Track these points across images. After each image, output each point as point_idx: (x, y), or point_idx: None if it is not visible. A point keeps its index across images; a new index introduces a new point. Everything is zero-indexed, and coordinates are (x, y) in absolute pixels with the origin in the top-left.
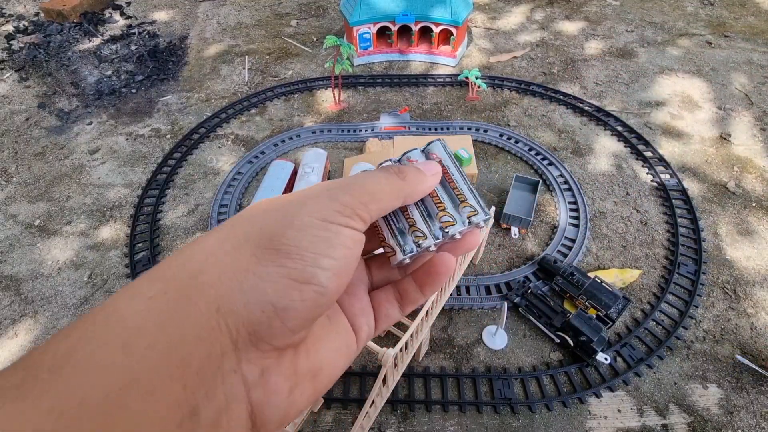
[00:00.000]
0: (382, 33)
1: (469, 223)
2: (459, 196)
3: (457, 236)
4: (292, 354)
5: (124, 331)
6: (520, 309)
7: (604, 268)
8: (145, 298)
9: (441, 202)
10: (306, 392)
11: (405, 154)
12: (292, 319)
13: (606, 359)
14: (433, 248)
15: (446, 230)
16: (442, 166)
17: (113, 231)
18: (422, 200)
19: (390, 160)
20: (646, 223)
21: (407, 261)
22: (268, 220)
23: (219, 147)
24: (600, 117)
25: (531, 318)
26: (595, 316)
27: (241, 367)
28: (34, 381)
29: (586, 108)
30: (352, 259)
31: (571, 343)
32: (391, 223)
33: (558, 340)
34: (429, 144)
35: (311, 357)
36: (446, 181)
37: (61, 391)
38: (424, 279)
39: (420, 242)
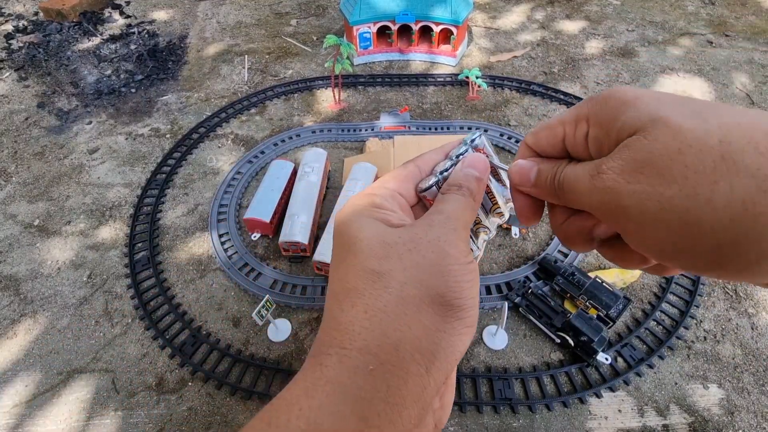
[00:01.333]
0: (382, 32)
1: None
2: (505, 194)
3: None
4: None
5: (357, 405)
6: (520, 309)
7: (604, 268)
8: (365, 372)
9: (494, 196)
10: (452, 389)
11: (459, 153)
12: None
13: (606, 359)
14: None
15: (500, 221)
16: (490, 163)
17: (113, 231)
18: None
19: (445, 169)
20: None
21: (481, 254)
22: (429, 277)
23: (219, 146)
24: None
25: (531, 318)
26: (595, 316)
27: (434, 402)
28: None
29: None
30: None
31: (572, 343)
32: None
33: (558, 340)
34: (473, 140)
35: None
36: (493, 176)
37: None
38: None
39: (488, 236)
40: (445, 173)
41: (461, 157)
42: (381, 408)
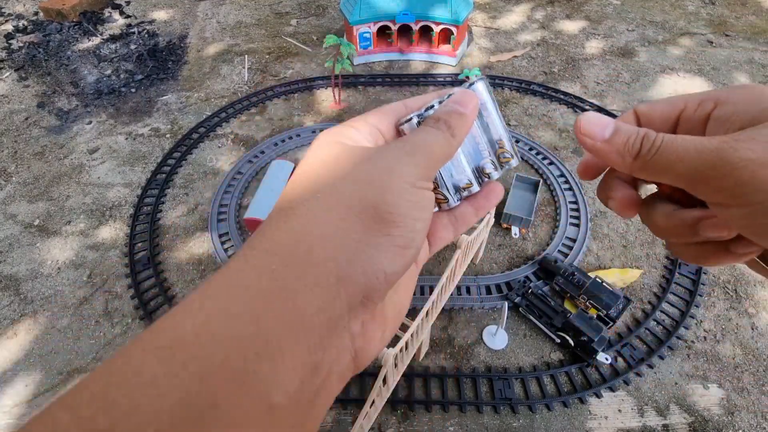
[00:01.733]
0: (382, 32)
1: (501, 167)
2: (499, 142)
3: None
4: (381, 301)
5: (254, 304)
6: (520, 309)
7: (604, 268)
8: (268, 271)
9: (483, 146)
10: (391, 330)
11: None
12: (396, 279)
13: (607, 359)
14: (478, 189)
15: (489, 175)
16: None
17: (113, 231)
18: (466, 141)
19: (431, 106)
20: None
21: (457, 203)
22: (364, 188)
23: (219, 146)
24: None
25: (531, 318)
26: (595, 315)
27: (349, 325)
28: (182, 346)
29: (587, 107)
30: (430, 218)
31: (572, 343)
32: (441, 170)
33: (558, 340)
34: (471, 84)
35: (394, 300)
36: (487, 123)
37: (204, 356)
38: (481, 202)
39: (469, 189)
40: (430, 110)
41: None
42: (278, 309)
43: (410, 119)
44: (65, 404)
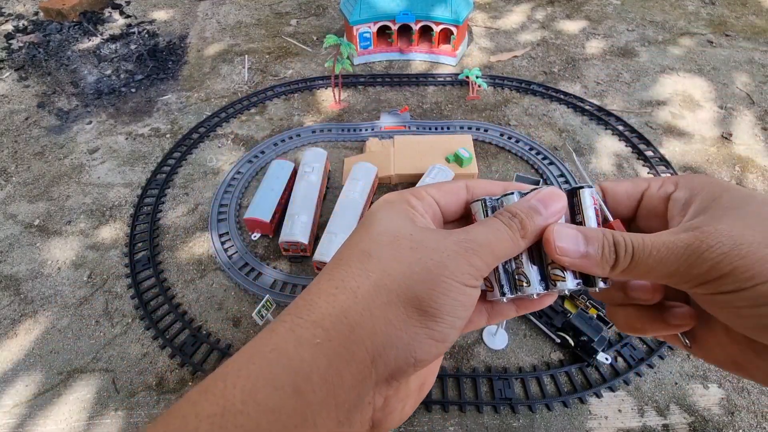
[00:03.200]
0: (383, 32)
1: (579, 283)
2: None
3: (566, 293)
4: (406, 381)
5: (295, 377)
6: None
7: None
8: (311, 344)
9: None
10: (412, 404)
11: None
12: (422, 366)
13: (607, 359)
14: (535, 297)
15: (555, 283)
16: (578, 215)
17: (113, 231)
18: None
19: (510, 193)
20: None
21: (503, 302)
22: (416, 278)
23: (219, 146)
24: (601, 116)
25: (531, 318)
26: (595, 315)
27: (374, 399)
28: (232, 415)
29: (587, 107)
30: (471, 312)
31: (572, 343)
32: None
33: (558, 340)
34: (579, 189)
35: (419, 375)
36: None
37: (251, 425)
38: (526, 303)
39: (522, 288)
40: (509, 197)
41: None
42: (317, 384)
43: (484, 202)
44: None
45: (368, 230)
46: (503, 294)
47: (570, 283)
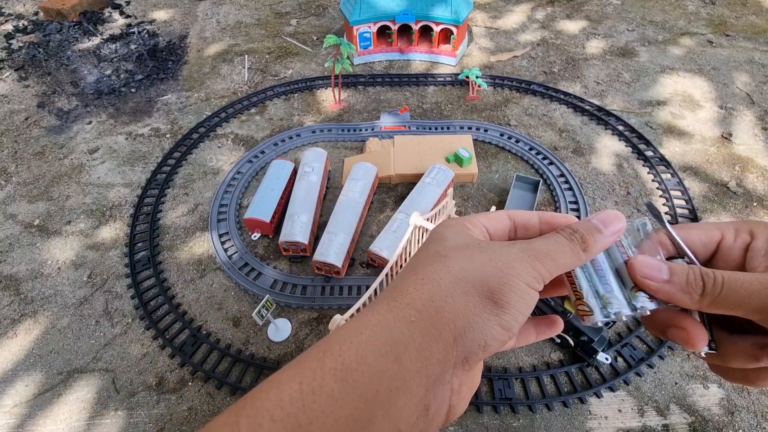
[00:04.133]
0: (383, 32)
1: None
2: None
3: (646, 314)
4: (473, 371)
5: (395, 347)
6: None
7: None
8: (407, 321)
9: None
10: (467, 401)
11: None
12: (489, 353)
13: (607, 359)
14: (624, 318)
15: (642, 307)
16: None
17: (113, 231)
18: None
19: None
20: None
21: (600, 324)
22: (488, 274)
23: (219, 146)
24: (601, 116)
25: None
26: None
27: (452, 380)
28: (349, 372)
29: (587, 107)
30: (531, 311)
31: (572, 343)
32: (594, 281)
33: (558, 340)
34: (642, 223)
35: (474, 377)
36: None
37: (365, 382)
38: (543, 329)
39: (619, 310)
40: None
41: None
42: (413, 355)
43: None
44: (267, 397)
45: (440, 242)
46: (603, 314)
47: (653, 305)
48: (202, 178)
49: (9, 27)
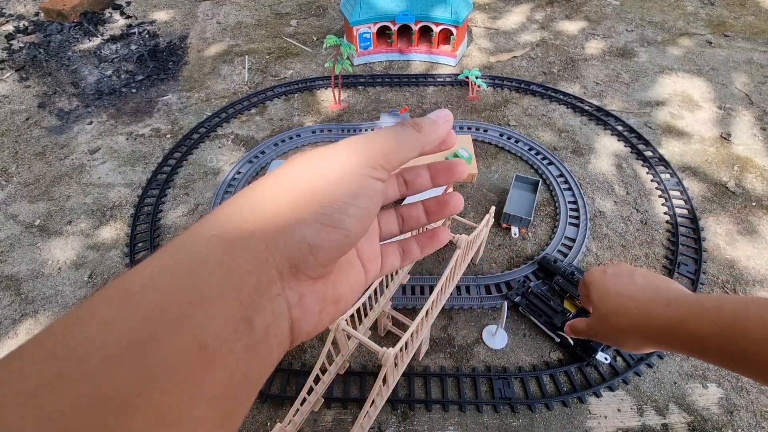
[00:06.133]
0: (382, 33)
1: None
2: None
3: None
4: (321, 283)
5: (192, 263)
6: (520, 308)
7: None
8: (206, 236)
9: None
10: (330, 314)
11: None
12: (323, 256)
13: (606, 359)
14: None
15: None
16: None
17: (113, 231)
18: None
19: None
20: (646, 223)
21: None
22: (308, 173)
23: (219, 147)
24: (600, 117)
25: (531, 317)
26: None
27: (284, 292)
28: (129, 295)
29: (587, 108)
30: (373, 207)
31: (571, 343)
32: None
33: (558, 340)
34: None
35: (335, 288)
36: None
37: (147, 302)
38: (425, 242)
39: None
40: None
41: None
42: (212, 266)
43: None
44: (35, 340)
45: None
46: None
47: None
48: (202, 179)
49: (10, 27)
